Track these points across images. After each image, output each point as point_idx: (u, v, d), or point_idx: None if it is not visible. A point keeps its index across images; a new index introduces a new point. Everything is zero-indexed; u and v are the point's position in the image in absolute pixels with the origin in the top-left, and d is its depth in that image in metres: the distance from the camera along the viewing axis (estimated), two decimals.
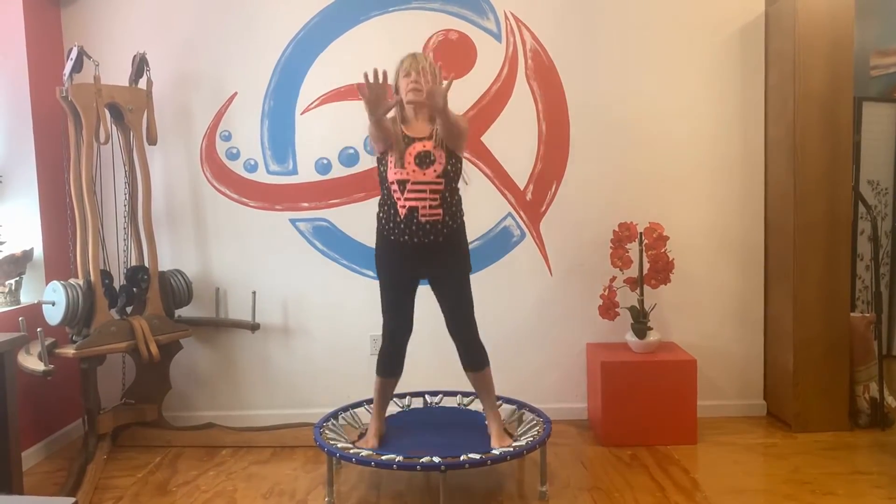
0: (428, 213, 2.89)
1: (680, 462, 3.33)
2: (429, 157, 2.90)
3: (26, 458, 3.32)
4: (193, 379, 3.94)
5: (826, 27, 3.48)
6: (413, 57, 2.96)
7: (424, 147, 2.91)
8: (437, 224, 2.91)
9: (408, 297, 3.06)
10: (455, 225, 2.99)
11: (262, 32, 3.81)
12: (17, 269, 3.48)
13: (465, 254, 3.08)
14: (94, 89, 3.38)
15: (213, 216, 3.89)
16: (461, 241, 3.05)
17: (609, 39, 3.81)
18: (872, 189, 4.47)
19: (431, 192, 2.89)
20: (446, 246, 2.97)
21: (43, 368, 3.02)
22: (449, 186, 2.94)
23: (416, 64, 2.93)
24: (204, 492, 3.15)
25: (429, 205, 2.88)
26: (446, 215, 2.93)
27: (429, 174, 2.89)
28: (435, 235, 2.92)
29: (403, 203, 2.89)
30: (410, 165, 2.89)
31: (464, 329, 3.04)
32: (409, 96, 2.94)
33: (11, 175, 3.58)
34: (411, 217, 2.89)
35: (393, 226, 2.95)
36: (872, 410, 3.64)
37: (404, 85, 2.95)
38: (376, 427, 3.15)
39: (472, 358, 3.08)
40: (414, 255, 2.96)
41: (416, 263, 2.98)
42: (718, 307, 3.90)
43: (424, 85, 2.85)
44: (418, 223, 2.89)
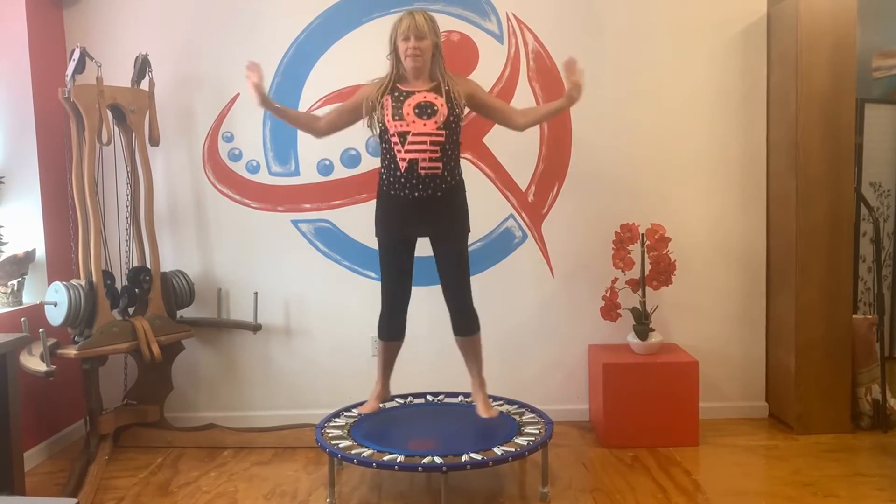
0: (428, 165, 2.85)
1: (681, 464, 3.33)
2: (430, 107, 2.87)
3: (28, 459, 3.32)
4: (195, 380, 3.94)
5: (828, 28, 3.48)
6: (411, 16, 2.89)
7: (425, 98, 2.88)
8: (436, 178, 2.88)
9: (406, 258, 3.03)
10: (454, 181, 2.96)
11: (264, 34, 3.81)
12: (20, 269, 3.48)
13: (465, 212, 3.05)
14: (97, 90, 3.38)
15: (215, 217, 3.90)
16: (461, 197, 3.03)
17: (611, 41, 3.80)
18: (874, 191, 4.46)
19: (432, 144, 2.85)
20: (446, 201, 2.94)
21: (45, 369, 3.02)
22: (450, 139, 2.90)
23: (415, 26, 2.87)
24: (205, 493, 3.15)
25: (429, 157, 2.85)
26: (445, 169, 2.90)
27: (429, 125, 2.86)
28: (434, 189, 2.89)
29: (403, 156, 2.86)
30: (410, 116, 2.86)
31: (459, 291, 3.02)
32: (408, 62, 2.90)
33: (14, 176, 3.58)
34: (412, 170, 2.86)
35: (393, 180, 2.92)
36: (874, 412, 3.63)
37: (403, 49, 2.90)
38: (379, 390, 3.15)
39: (465, 322, 3.05)
40: (414, 211, 2.92)
41: (417, 219, 2.94)
42: (720, 309, 3.90)
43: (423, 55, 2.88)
44: (418, 176, 2.86)
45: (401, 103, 2.89)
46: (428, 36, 2.90)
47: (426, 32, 2.89)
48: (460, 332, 3.07)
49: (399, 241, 3.02)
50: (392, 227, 3.01)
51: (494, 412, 3.02)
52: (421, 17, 2.91)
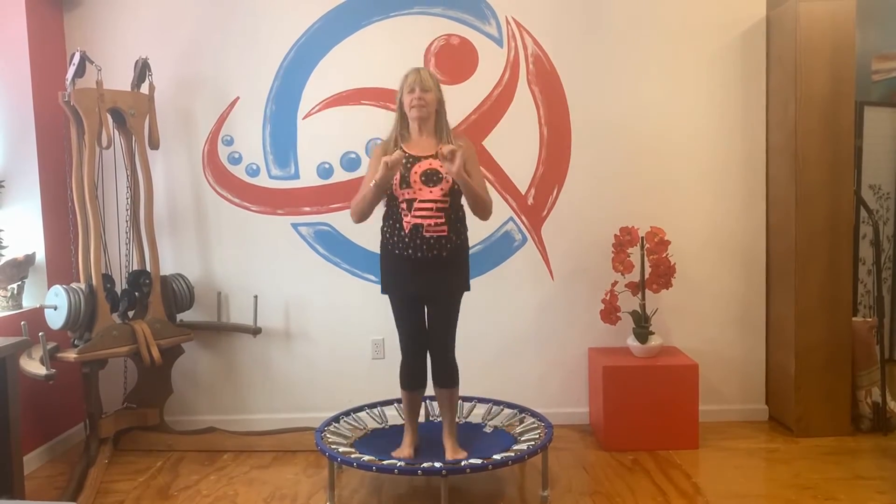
0: (433, 229, 2.89)
1: (681, 467, 3.33)
2: (436, 175, 2.90)
3: (28, 462, 3.32)
4: (195, 383, 3.94)
5: (827, 31, 3.48)
6: (417, 72, 2.97)
7: (431, 165, 2.91)
8: (441, 239, 2.91)
9: (418, 310, 3.06)
10: (459, 241, 3.00)
11: (264, 37, 3.82)
12: (20, 273, 3.48)
13: (466, 274, 3.09)
14: (97, 94, 3.39)
15: (215, 220, 3.90)
16: (464, 258, 3.06)
17: (611, 44, 3.81)
18: (874, 193, 4.45)
19: (437, 210, 2.89)
20: (449, 262, 2.97)
21: (45, 372, 3.01)
22: (455, 203, 2.96)
23: (420, 80, 2.94)
24: (205, 496, 3.15)
25: (434, 222, 2.89)
26: (451, 231, 2.93)
27: (435, 192, 2.89)
28: (439, 250, 2.92)
29: (409, 220, 2.90)
30: (417, 184, 2.90)
31: (444, 347, 3.06)
32: (413, 112, 2.95)
33: (14, 179, 3.59)
34: (416, 232, 2.90)
35: (397, 240, 2.95)
36: (874, 415, 3.63)
37: (408, 101, 2.95)
38: (410, 438, 3.16)
39: (445, 375, 3.08)
40: (418, 270, 2.95)
41: (420, 278, 2.96)
42: (720, 312, 3.90)
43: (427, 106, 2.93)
44: (423, 238, 2.90)
45: (408, 171, 2.91)
46: (432, 89, 2.96)
47: (431, 86, 2.95)
48: (440, 384, 3.10)
49: (407, 296, 3.04)
50: (400, 285, 3.03)
51: (463, 454, 3.04)
52: (426, 72, 2.99)
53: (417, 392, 3.15)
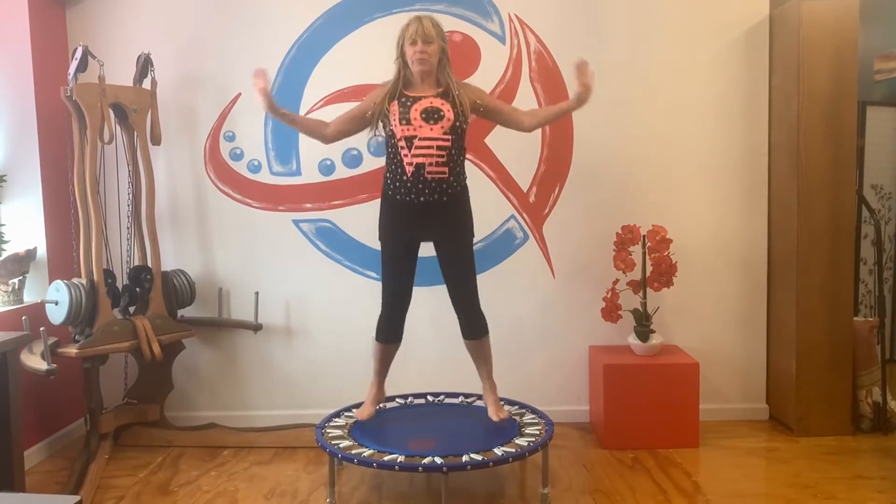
0: (434, 169, 2.87)
1: (682, 465, 3.33)
2: (437, 112, 2.88)
3: (28, 457, 3.32)
4: (195, 379, 3.94)
5: (830, 31, 3.48)
6: (419, 21, 2.93)
7: (432, 103, 2.90)
8: (442, 182, 2.90)
9: (409, 262, 3.05)
10: (459, 186, 2.98)
11: (266, 33, 3.82)
12: (21, 268, 3.48)
13: (470, 217, 3.06)
14: (99, 89, 3.39)
15: (217, 216, 3.90)
16: (465, 202, 3.04)
17: (613, 42, 3.80)
18: (876, 193, 4.46)
19: (438, 149, 2.87)
20: (451, 206, 2.96)
21: (45, 367, 3.02)
22: (456, 144, 2.92)
23: (423, 30, 2.90)
24: (205, 492, 3.15)
25: (435, 161, 2.86)
26: (451, 174, 2.91)
27: (436, 130, 2.87)
28: (440, 194, 2.90)
29: (410, 160, 2.88)
30: (417, 121, 2.88)
31: (467, 295, 3.04)
32: (416, 66, 2.92)
33: (15, 174, 3.58)
34: (418, 174, 2.88)
35: (399, 185, 2.93)
36: (875, 415, 3.63)
37: (410, 53, 2.92)
38: (374, 393, 3.16)
39: (474, 326, 3.07)
40: (419, 215, 2.94)
41: (421, 224, 2.96)
42: (721, 310, 3.90)
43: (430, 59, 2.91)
44: (424, 181, 2.88)
45: (408, 108, 2.90)
46: (435, 40, 2.93)
47: (433, 37, 2.92)
48: (469, 336, 3.09)
49: (403, 245, 3.03)
50: (397, 231, 3.02)
51: (505, 414, 3.04)
52: (428, 21, 2.95)
53: (393, 345, 3.16)
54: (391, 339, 3.15)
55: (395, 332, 3.14)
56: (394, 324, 3.12)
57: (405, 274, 3.06)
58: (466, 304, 3.05)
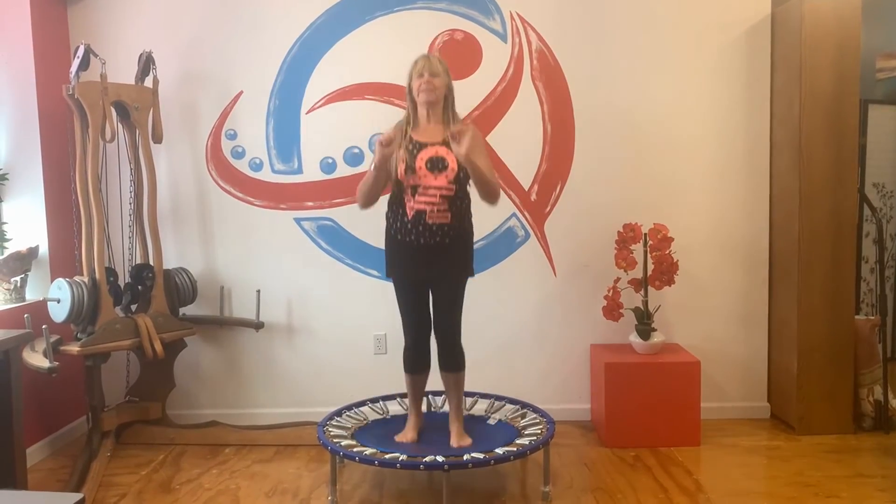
0: (437, 216, 2.89)
1: (683, 464, 3.33)
2: (441, 162, 2.90)
3: (30, 455, 3.33)
4: (197, 377, 3.94)
5: (832, 29, 3.48)
6: (426, 59, 2.98)
7: (437, 153, 2.91)
8: (443, 226, 2.92)
9: (421, 295, 3.06)
10: (462, 228, 2.99)
11: (268, 31, 3.82)
12: (23, 266, 3.49)
13: (469, 257, 3.08)
14: (101, 87, 3.39)
15: (218, 215, 3.90)
16: (467, 244, 3.06)
17: (615, 40, 3.80)
18: (878, 192, 4.46)
19: (442, 198, 2.89)
20: (451, 248, 2.97)
21: (47, 365, 3.03)
22: (460, 191, 2.95)
23: (429, 65, 2.94)
24: (207, 490, 3.15)
25: (437, 209, 2.88)
26: (455, 219, 2.93)
27: (440, 180, 2.89)
28: (441, 237, 2.92)
29: (413, 206, 2.90)
30: (422, 171, 2.89)
31: (450, 328, 3.06)
32: (422, 97, 2.95)
33: (18, 172, 3.59)
34: (418, 219, 2.90)
35: (400, 226, 2.96)
36: (876, 413, 3.63)
37: (417, 85, 2.95)
38: (413, 421, 3.18)
39: (452, 359, 3.09)
40: (420, 256, 2.96)
41: (422, 264, 2.98)
42: (723, 309, 3.90)
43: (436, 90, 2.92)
44: (425, 225, 2.90)
45: (413, 157, 2.91)
46: (441, 75, 2.96)
47: (439, 71, 2.95)
48: (446, 369, 3.10)
49: (410, 282, 3.05)
50: (403, 270, 3.05)
51: (467, 441, 3.04)
52: (435, 58, 3.01)
53: (421, 375, 3.16)
54: (418, 369, 3.15)
55: (421, 360, 3.13)
56: (419, 353, 3.12)
57: (420, 305, 3.08)
58: (448, 338, 3.07)
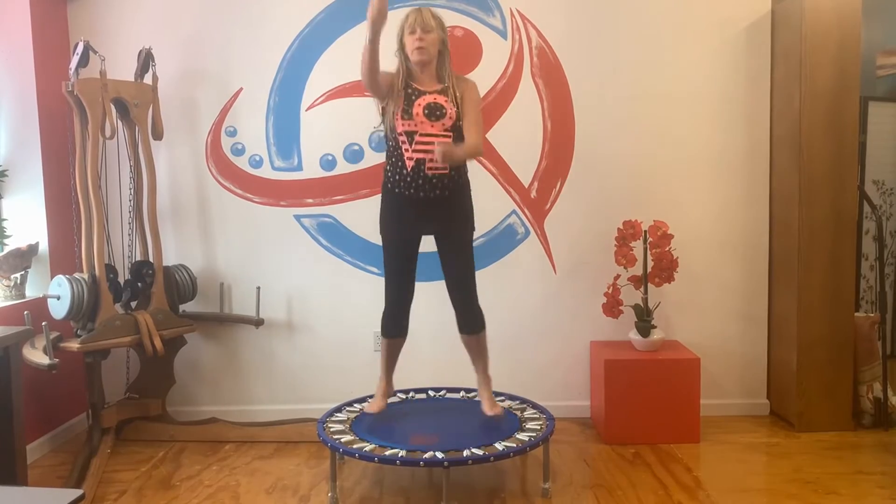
0: (435, 165, 2.86)
1: (683, 460, 3.33)
2: (439, 109, 2.87)
3: (31, 451, 3.33)
4: (197, 374, 3.95)
5: (833, 26, 3.47)
6: (418, 12, 2.91)
7: (435, 100, 2.89)
8: (443, 178, 2.89)
9: (410, 257, 3.03)
10: (461, 180, 2.97)
11: (267, 28, 3.81)
12: (23, 262, 3.49)
13: (470, 211, 3.06)
14: (100, 84, 3.38)
15: (218, 211, 3.90)
16: (466, 197, 3.03)
17: (615, 37, 3.80)
18: (877, 189, 4.45)
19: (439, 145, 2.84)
20: (452, 201, 2.95)
21: (47, 362, 3.02)
22: (457, 141, 2.90)
23: (422, 20, 2.88)
24: (207, 486, 3.16)
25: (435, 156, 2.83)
26: (453, 169, 2.90)
27: (437, 127, 2.86)
28: (441, 189, 2.90)
29: (411, 155, 2.87)
30: (419, 117, 2.86)
31: (465, 290, 3.03)
32: (414, 55, 2.90)
33: (17, 169, 3.59)
34: (418, 170, 2.87)
35: (399, 178, 2.92)
36: (876, 410, 3.63)
37: (409, 42, 2.90)
38: (383, 387, 3.16)
39: (471, 321, 3.06)
40: (419, 210, 2.93)
41: (422, 218, 2.95)
42: (722, 306, 3.90)
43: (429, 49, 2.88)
44: (425, 176, 2.87)
45: (411, 103, 2.89)
46: (434, 30, 2.91)
47: (433, 26, 2.90)
48: (466, 330, 3.08)
49: (404, 239, 3.01)
50: (398, 225, 3.00)
51: (499, 409, 3.03)
52: (427, 11, 2.93)
53: (398, 339, 3.15)
54: (396, 333, 3.14)
55: (400, 326, 3.14)
56: (398, 318, 3.11)
57: (407, 268, 3.05)
58: (464, 299, 3.04)
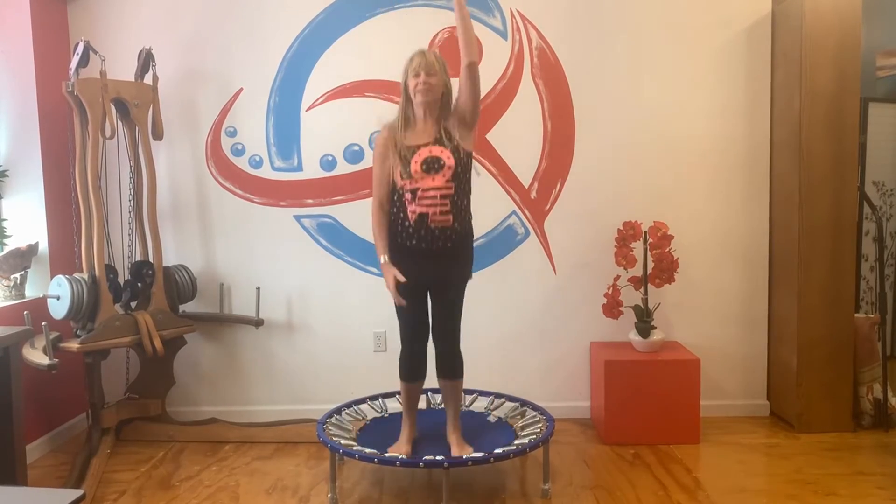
0: (439, 218, 2.86)
1: (682, 461, 3.33)
2: (437, 162, 2.86)
3: (30, 452, 3.33)
4: (197, 374, 3.95)
5: (833, 27, 3.47)
6: (422, 55, 2.92)
7: (431, 153, 2.87)
8: (446, 230, 2.88)
9: (421, 299, 3.02)
10: (463, 230, 2.96)
11: (267, 28, 3.81)
12: (23, 262, 3.49)
13: (470, 260, 3.05)
14: (100, 84, 3.38)
15: (218, 212, 3.90)
16: (468, 247, 3.03)
17: (615, 38, 3.80)
18: (878, 190, 4.45)
19: (442, 198, 2.85)
20: (455, 252, 2.95)
21: (47, 362, 3.02)
22: (459, 189, 2.91)
23: (426, 63, 2.89)
24: (207, 486, 3.16)
25: (439, 210, 2.85)
26: (456, 220, 2.90)
27: (438, 179, 2.85)
28: (444, 241, 2.89)
29: (414, 209, 2.87)
30: (418, 174, 2.85)
31: (449, 337, 3.02)
32: (418, 97, 2.90)
33: (17, 169, 3.59)
34: (421, 223, 2.87)
35: (402, 230, 2.93)
36: (876, 411, 3.63)
37: (413, 84, 2.90)
38: (408, 433, 3.11)
39: (451, 366, 3.04)
40: (422, 261, 2.92)
41: (424, 269, 2.94)
42: (722, 307, 3.90)
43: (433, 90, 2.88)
44: (428, 229, 2.87)
45: (408, 161, 2.87)
46: (437, 73, 2.90)
47: (436, 70, 2.90)
48: (444, 376, 3.06)
49: (411, 287, 2.99)
50: (405, 274, 2.96)
51: (469, 450, 3.00)
52: (432, 55, 2.94)
53: (417, 383, 3.12)
54: (414, 376, 3.10)
55: (418, 368, 3.09)
56: (415, 360, 3.08)
57: (418, 313, 3.03)
58: (447, 343, 3.03)
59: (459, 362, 3.06)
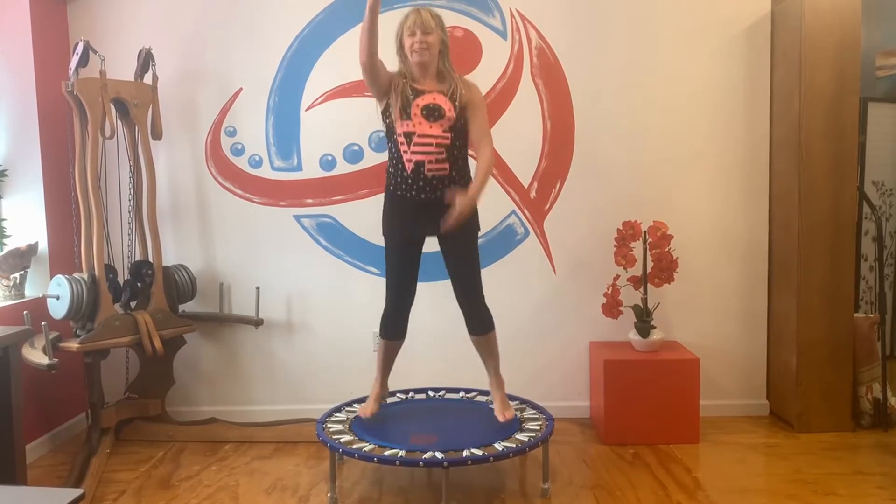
0: (434, 167, 2.84)
1: (682, 461, 3.33)
2: (438, 110, 2.85)
3: (30, 451, 3.33)
4: (197, 374, 3.95)
5: (833, 27, 3.48)
6: (417, 13, 2.88)
7: (434, 100, 2.86)
8: (444, 179, 2.86)
9: (413, 259, 3.01)
10: (463, 181, 2.93)
11: (267, 28, 3.81)
12: (22, 262, 3.49)
13: (474, 212, 3.00)
14: (100, 84, 3.38)
15: (218, 211, 3.90)
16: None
17: (615, 37, 3.80)
18: (877, 190, 4.46)
19: (438, 146, 2.83)
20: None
21: (47, 362, 3.02)
22: (457, 141, 2.88)
23: (421, 21, 2.85)
24: (206, 486, 3.16)
25: (435, 158, 2.83)
26: (453, 170, 2.88)
27: (435, 128, 2.84)
28: (442, 191, 2.86)
29: (410, 157, 2.85)
30: (417, 117, 2.84)
31: (471, 290, 3.00)
32: (414, 56, 2.88)
33: (17, 169, 3.59)
34: (418, 172, 2.85)
35: (400, 181, 2.90)
36: (875, 411, 3.64)
37: (409, 44, 2.88)
38: (377, 391, 3.14)
39: (479, 321, 3.04)
40: (421, 212, 2.90)
41: (423, 220, 2.91)
42: (722, 306, 3.90)
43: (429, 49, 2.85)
44: (425, 178, 2.85)
45: (409, 102, 2.86)
46: (434, 31, 2.88)
47: (432, 27, 2.88)
48: (474, 331, 3.06)
49: (407, 241, 2.98)
50: (399, 228, 2.98)
51: (511, 414, 2.98)
52: (427, 12, 2.90)
53: (397, 342, 3.14)
54: (395, 335, 3.13)
55: (400, 328, 3.12)
56: (398, 320, 3.10)
57: (409, 270, 3.03)
58: (471, 300, 3.02)
59: (488, 314, 3.05)
